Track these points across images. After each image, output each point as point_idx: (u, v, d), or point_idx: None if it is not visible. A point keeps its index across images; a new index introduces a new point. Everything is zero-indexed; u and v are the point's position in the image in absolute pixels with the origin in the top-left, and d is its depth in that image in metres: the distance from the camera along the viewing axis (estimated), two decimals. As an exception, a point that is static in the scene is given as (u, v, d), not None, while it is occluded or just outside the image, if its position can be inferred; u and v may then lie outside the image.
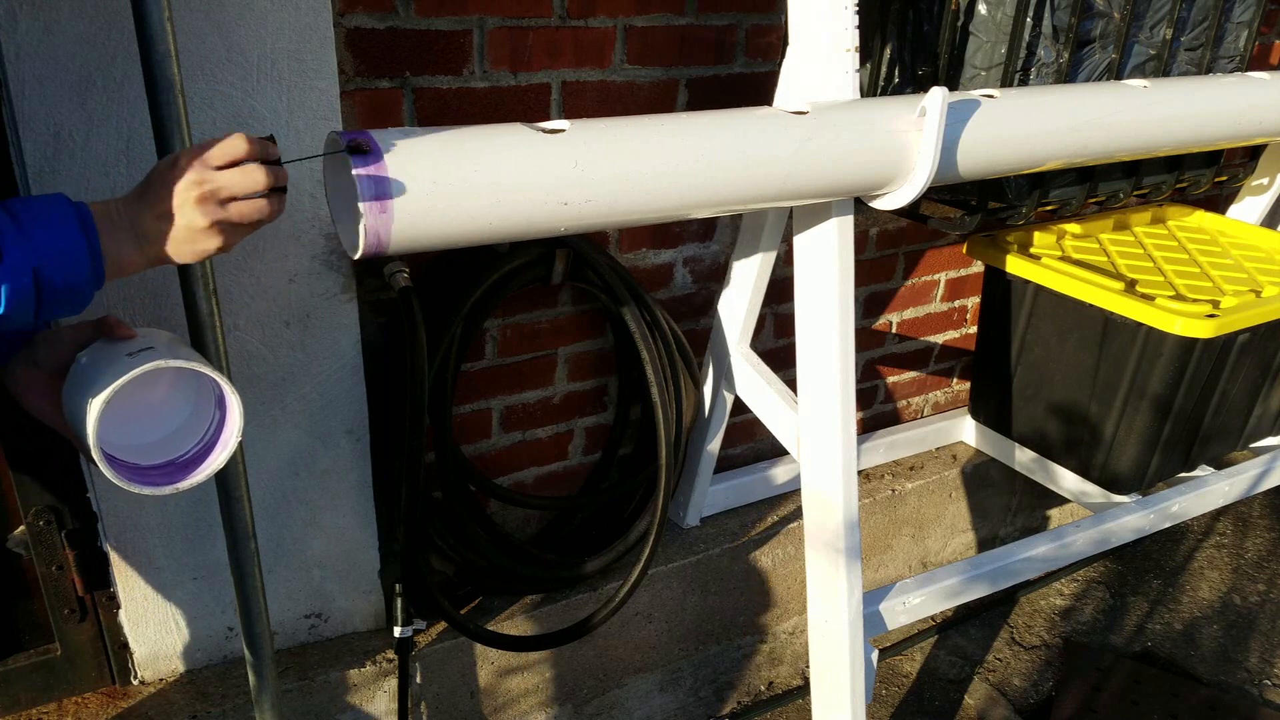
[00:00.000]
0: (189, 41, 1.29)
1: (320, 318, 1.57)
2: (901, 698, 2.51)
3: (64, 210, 0.90)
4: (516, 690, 2.13)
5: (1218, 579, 3.01)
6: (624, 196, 1.34)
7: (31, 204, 0.90)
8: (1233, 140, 2.08)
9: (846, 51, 1.58)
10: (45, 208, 0.90)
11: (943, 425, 2.74)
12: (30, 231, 0.88)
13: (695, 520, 2.34)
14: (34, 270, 0.87)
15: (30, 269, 0.87)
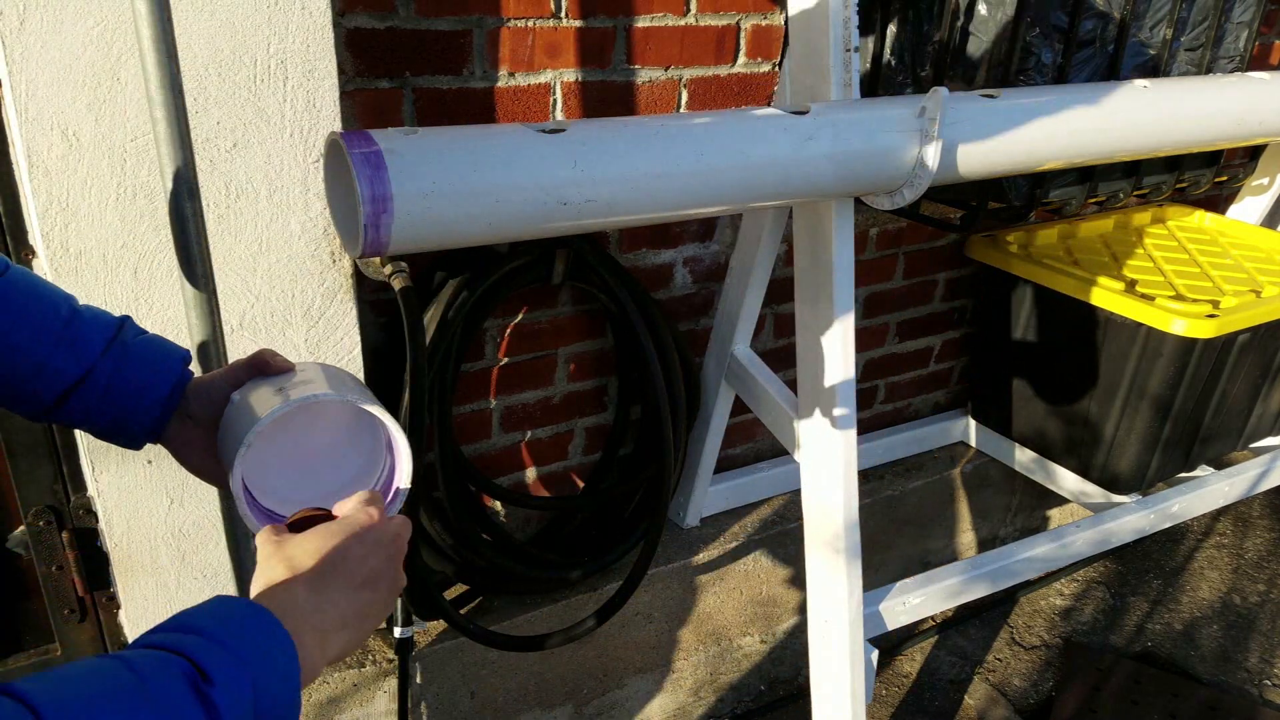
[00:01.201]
0: (193, 42, 1.29)
1: (321, 318, 1.57)
2: (901, 698, 2.51)
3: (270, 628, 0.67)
4: (516, 690, 2.13)
5: (1218, 579, 3.01)
6: (624, 196, 1.34)
7: (228, 621, 0.66)
8: (1233, 140, 2.08)
9: (846, 51, 1.58)
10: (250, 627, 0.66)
11: (943, 425, 2.74)
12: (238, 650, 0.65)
13: (695, 520, 2.34)
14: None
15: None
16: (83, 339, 0.85)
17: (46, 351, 0.83)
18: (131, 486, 1.50)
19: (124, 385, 0.87)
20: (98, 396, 0.86)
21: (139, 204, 1.34)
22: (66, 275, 1.33)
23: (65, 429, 1.51)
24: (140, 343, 0.90)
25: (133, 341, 0.89)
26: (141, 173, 1.32)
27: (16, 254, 1.38)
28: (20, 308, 0.83)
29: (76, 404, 0.86)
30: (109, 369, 0.86)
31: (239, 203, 1.40)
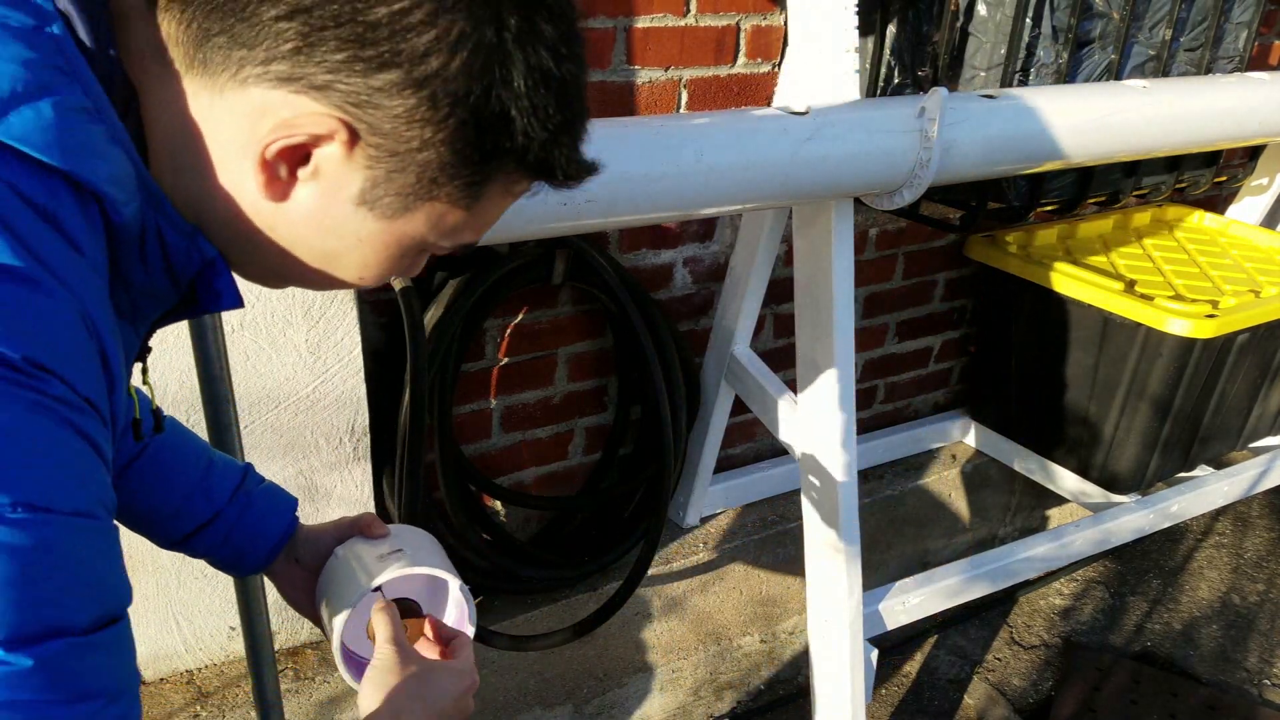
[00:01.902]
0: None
1: (321, 318, 1.57)
2: (901, 698, 2.52)
3: None
4: (516, 690, 2.13)
5: (1217, 579, 3.01)
6: (624, 196, 1.34)
7: None
8: (1232, 140, 2.08)
9: (846, 51, 1.58)
10: None
11: (943, 425, 2.74)
12: None
13: (695, 520, 2.34)
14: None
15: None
16: (215, 488, 0.97)
17: (184, 499, 0.96)
18: (132, 486, 1.50)
19: (244, 529, 0.99)
20: (221, 537, 0.98)
21: (139, 204, 1.34)
22: (67, 275, 1.33)
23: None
24: (260, 492, 1.02)
25: (254, 490, 1.02)
26: (142, 173, 1.33)
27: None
28: (169, 465, 0.96)
29: (201, 541, 0.98)
30: (233, 515, 0.98)
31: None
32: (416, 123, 0.59)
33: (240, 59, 0.57)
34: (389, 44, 0.56)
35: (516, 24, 0.58)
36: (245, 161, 0.60)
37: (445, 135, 0.60)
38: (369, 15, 0.55)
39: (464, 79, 0.58)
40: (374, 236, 0.64)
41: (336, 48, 0.56)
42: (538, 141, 0.62)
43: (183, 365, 1.45)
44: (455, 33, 0.57)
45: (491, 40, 0.58)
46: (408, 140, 0.60)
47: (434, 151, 0.61)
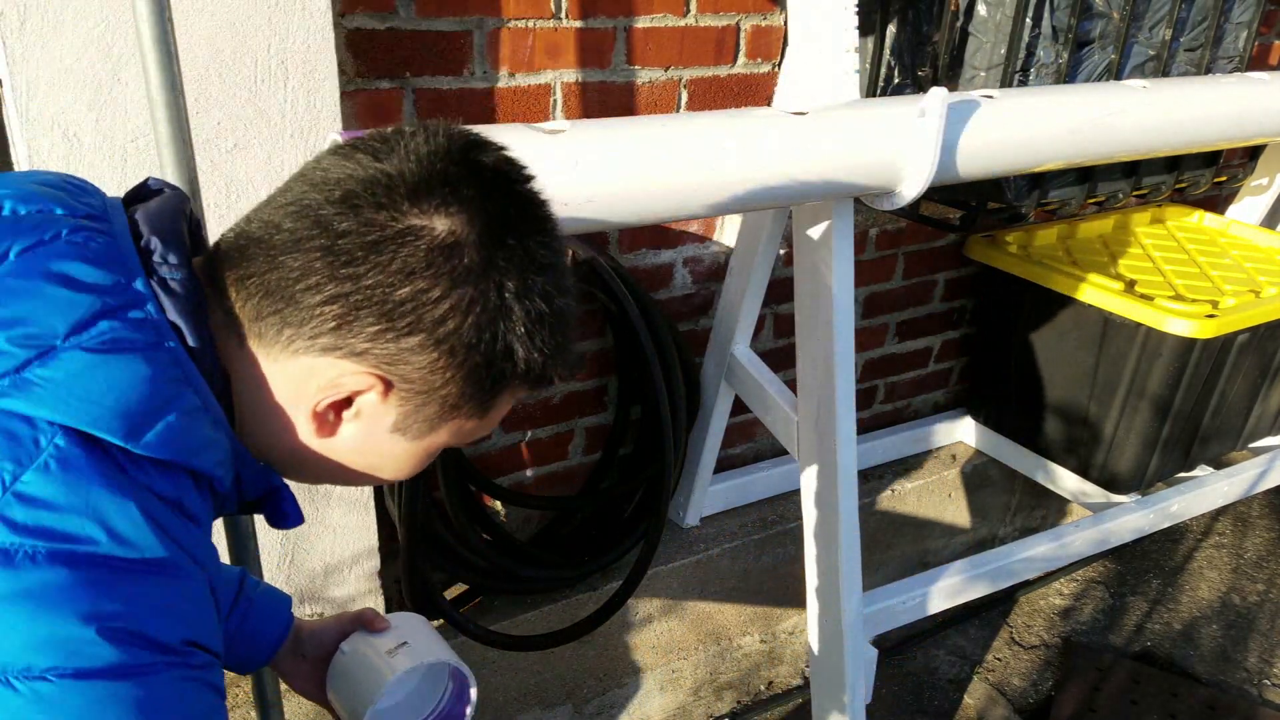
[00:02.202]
0: (194, 42, 1.29)
1: (321, 318, 1.57)
2: (901, 698, 2.52)
3: None
4: (516, 690, 2.13)
5: (1217, 579, 3.01)
6: (624, 197, 1.34)
7: None
8: (1232, 140, 2.08)
9: (846, 51, 1.58)
10: None
11: (943, 425, 2.74)
12: None
13: (695, 520, 2.35)
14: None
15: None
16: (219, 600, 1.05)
17: None
18: (132, 486, 1.50)
19: (245, 637, 1.06)
20: (226, 642, 1.02)
21: (139, 204, 1.34)
22: (67, 275, 1.33)
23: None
24: (258, 596, 1.09)
25: (253, 595, 1.08)
26: (142, 173, 1.32)
27: (17, 254, 1.39)
28: None
29: None
30: (236, 622, 1.05)
31: (239, 203, 1.40)
32: (439, 370, 0.72)
33: (290, 335, 0.70)
34: (413, 315, 0.69)
35: (514, 285, 0.71)
36: (299, 412, 0.74)
37: (463, 375, 0.73)
38: (396, 294, 0.68)
39: (475, 333, 0.71)
40: (407, 453, 0.78)
41: (371, 323, 0.69)
42: (538, 366, 0.75)
43: (183, 365, 1.45)
44: (466, 300, 0.70)
45: (495, 301, 0.71)
46: (431, 382, 0.73)
47: (454, 386, 0.74)
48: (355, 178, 0.70)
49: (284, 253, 0.69)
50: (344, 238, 0.68)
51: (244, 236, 0.72)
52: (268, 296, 0.69)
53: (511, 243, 0.71)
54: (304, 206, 0.69)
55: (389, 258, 0.68)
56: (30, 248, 0.65)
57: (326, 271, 0.68)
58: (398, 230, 0.68)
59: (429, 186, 0.69)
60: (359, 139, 0.73)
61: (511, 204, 0.73)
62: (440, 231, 0.69)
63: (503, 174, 0.74)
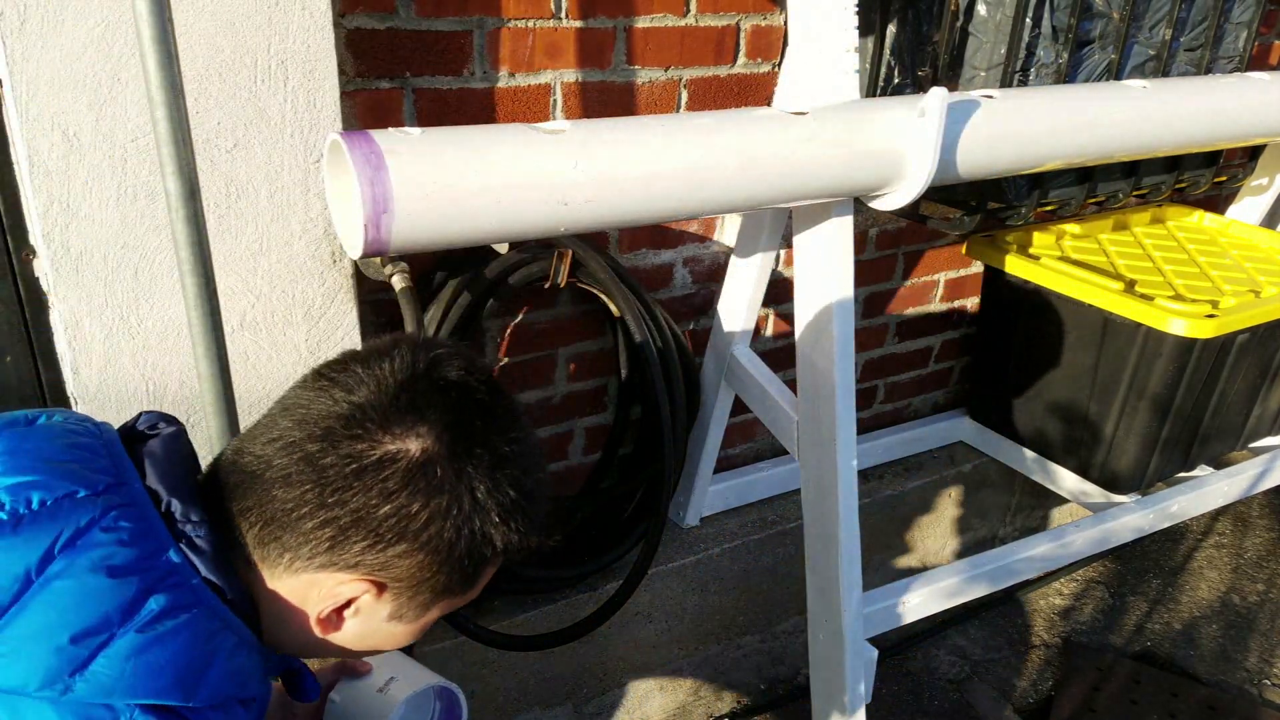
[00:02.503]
0: (194, 42, 1.29)
1: (321, 318, 1.57)
2: (901, 698, 2.52)
3: None
4: (516, 690, 2.13)
5: (1217, 579, 3.01)
6: (624, 197, 1.34)
7: None
8: (1233, 140, 2.08)
9: (846, 51, 1.58)
10: None
11: (943, 425, 2.74)
12: None
13: (695, 520, 2.34)
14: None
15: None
16: None
17: None
18: (132, 486, 1.50)
19: None
20: None
21: (139, 204, 1.34)
22: (67, 275, 1.33)
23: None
24: None
25: None
26: (142, 173, 1.32)
27: (16, 254, 1.39)
28: None
29: None
30: None
31: (239, 203, 1.40)
32: (426, 568, 0.82)
33: (290, 558, 0.81)
34: (398, 528, 0.79)
35: (485, 486, 0.81)
36: (305, 616, 0.84)
37: (448, 567, 0.82)
38: (380, 513, 0.78)
39: (454, 532, 0.81)
40: (405, 632, 0.89)
41: (360, 540, 0.79)
42: (516, 543, 0.85)
43: (183, 366, 1.45)
44: (443, 507, 0.80)
45: (469, 503, 0.80)
46: (420, 577, 0.82)
47: (441, 577, 0.83)
48: (333, 414, 0.80)
49: (277, 487, 0.79)
50: (329, 470, 0.78)
51: (240, 470, 0.82)
52: (268, 525, 0.80)
53: (479, 451, 0.81)
54: (290, 444, 0.80)
55: (370, 483, 0.78)
56: (69, 543, 0.73)
57: (317, 501, 0.78)
58: (376, 459, 0.78)
59: (399, 413, 0.79)
60: (334, 369, 0.83)
61: (475, 415, 0.82)
62: (414, 452, 0.79)
63: (465, 388, 0.83)
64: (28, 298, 1.40)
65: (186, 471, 0.84)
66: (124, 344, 1.40)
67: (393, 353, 0.83)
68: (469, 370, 0.85)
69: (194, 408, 1.48)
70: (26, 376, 1.45)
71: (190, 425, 1.48)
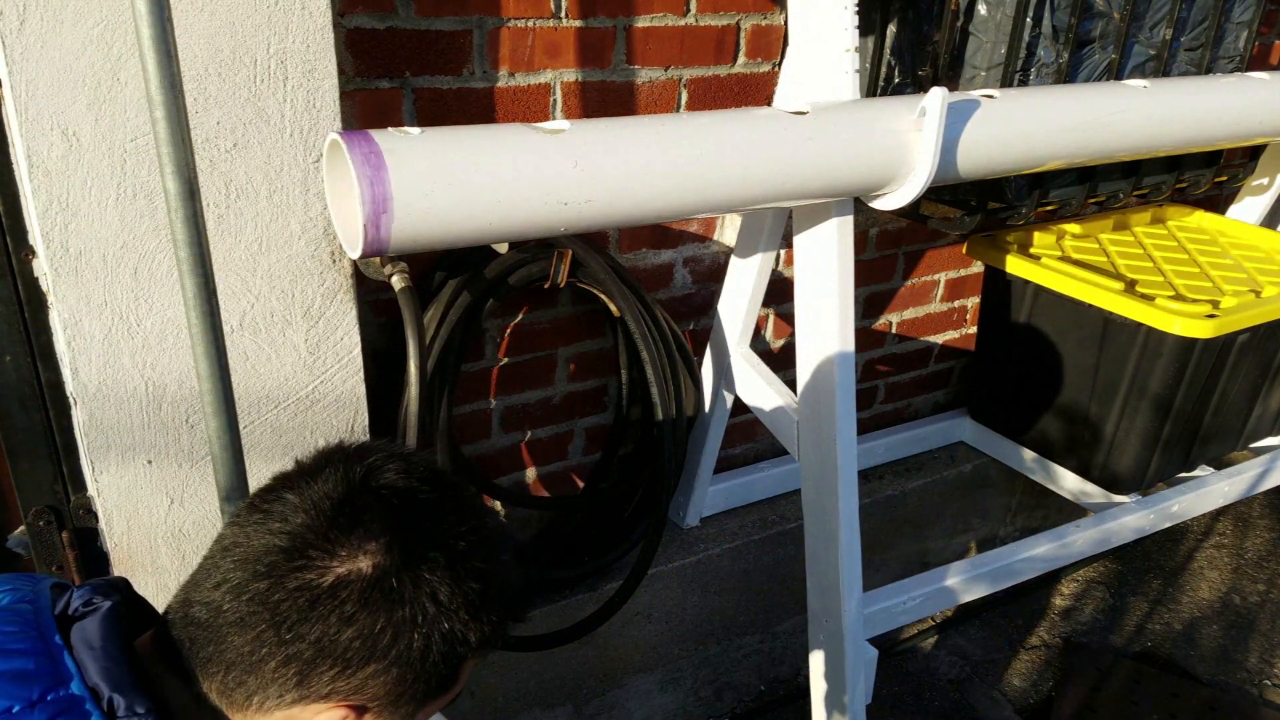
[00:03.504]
0: (193, 42, 1.29)
1: (320, 318, 1.57)
2: (901, 698, 2.52)
3: None
4: (516, 690, 2.13)
5: (1218, 579, 3.01)
6: (624, 196, 1.34)
7: None
8: (1233, 140, 2.08)
9: (846, 51, 1.58)
10: None
11: (943, 425, 2.74)
12: None
13: (695, 520, 2.34)
14: None
15: None
16: None
17: None
18: (131, 486, 1.50)
19: None
20: None
21: (139, 204, 1.34)
22: (66, 275, 1.33)
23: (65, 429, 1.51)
24: None
25: None
26: (141, 173, 1.32)
27: (16, 254, 1.38)
28: None
29: None
30: None
31: (239, 203, 1.40)
32: (402, 681, 0.80)
33: (259, 700, 0.78)
34: (363, 650, 0.77)
35: (446, 589, 0.79)
36: None
37: (425, 676, 0.81)
38: (342, 639, 0.76)
39: (423, 641, 0.79)
40: None
41: (327, 669, 0.77)
42: (490, 633, 0.85)
43: (182, 366, 1.45)
44: (407, 618, 0.77)
45: (432, 609, 0.78)
46: (399, 691, 0.80)
47: (420, 685, 0.81)
48: (274, 548, 0.77)
49: (232, 633, 0.77)
50: (282, 606, 0.76)
51: (191, 622, 0.79)
52: (229, 672, 0.78)
53: (433, 554, 0.79)
54: (236, 586, 0.77)
55: (326, 611, 0.76)
56: None
57: (275, 640, 0.76)
58: (329, 586, 0.76)
59: (342, 533, 0.77)
60: (267, 499, 0.80)
61: (422, 517, 0.80)
62: (366, 570, 0.76)
63: (406, 491, 0.81)
64: (27, 298, 1.40)
65: (126, 658, 0.79)
66: (123, 344, 1.40)
67: (324, 470, 0.81)
68: (408, 471, 0.82)
69: (193, 408, 1.48)
70: (26, 376, 1.45)
71: (190, 425, 1.49)
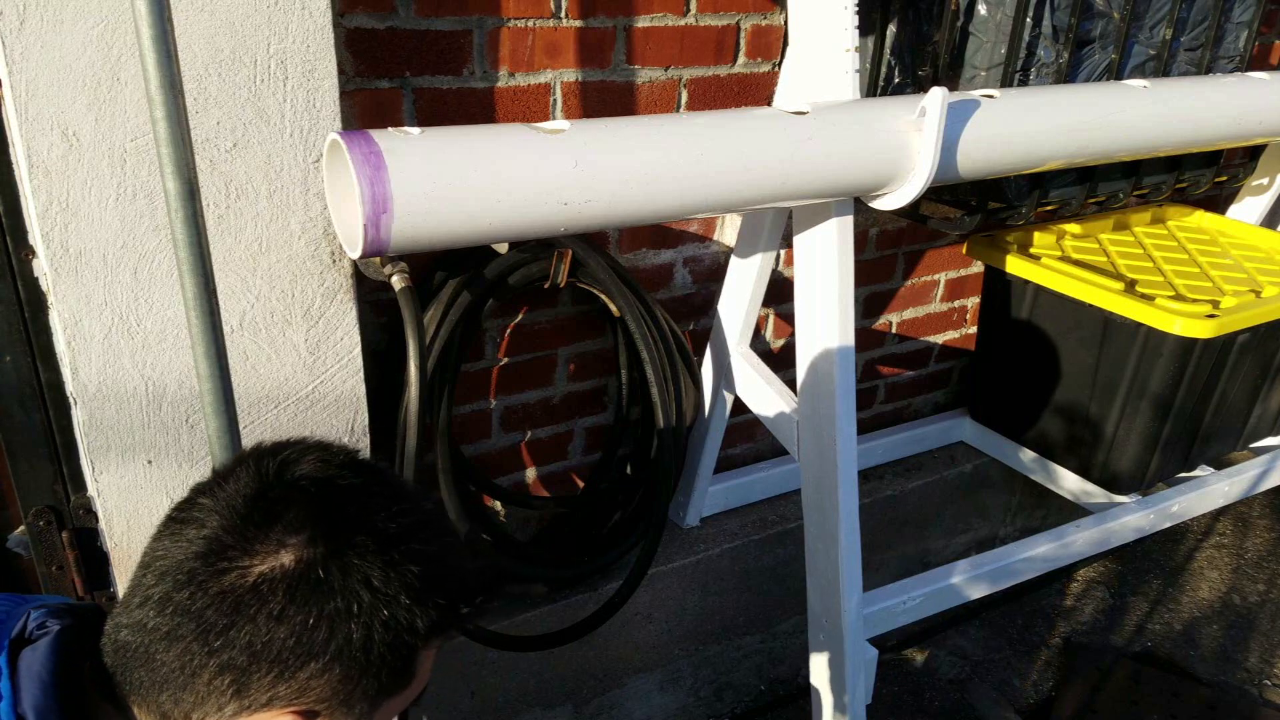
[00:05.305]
0: (193, 42, 1.29)
1: (320, 318, 1.57)
2: (901, 698, 2.51)
3: None
4: (516, 690, 2.13)
5: (1218, 579, 3.01)
6: (624, 197, 1.34)
7: None
8: (1233, 140, 2.08)
9: (846, 51, 1.58)
10: None
11: (943, 425, 2.74)
12: None
13: (695, 520, 2.34)
14: None
15: None
16: None
17: None
18: (131, 486, 1.50)
19: None
20: None
21: (139, 204, 1.34)
22: (66, 275, 1.33)
23: (65, 429, 1.51)
24: None
25: None
26: (141, 173, 1.32)
27: (16, 254, 1.38)
28: None
29: None
30: None
31: (239, 203, 1.40)
32: (349, 678, 0.75)
33: (199, 716, 0.74)
34: (298, 649, 0.73)
35: (380, 573, 0.74)
36: None
37: (373, 670, 0.76)
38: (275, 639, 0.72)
39: (363, 632, 0.74)
40: None
41: (264, 674, 0.73)
42: (440, 621, 0.79)
43: (182, 366, 1.45)
44: (340, 611, 0.73)
45: (368, 597, 0.74)
46: (348, 689, 0.76)
47: (370, 680, 0.76)
48: (191, 555, 0.74)
49: (160, 649, 0.74)
50: (207, 613, 0.72)
51: (120, 647, 0.76)
52: (164, 691, 0.74)
53: (359, 538, 0.75)
54: (161, 600, 0.74)
55: (253, 612, 0.72)
56: None
57: (203, 650, 0.72)
58: (251, 585, 0.72)
59: (258, 529, 0.74)
60: (182, 509, 0.78)
61: (344, 502, 0.76)
62: (289, 564, 0.73)
63: (322, 480, 0.77)
64: (27, 298, 1.40)
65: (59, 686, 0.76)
66: (123, 344, 1.40)
67: (236, 471, 0.78)
68: (325, 460, 0.79)
69: (193, 408, 1.48)
70: (26, 376, 1.45)
71: (190, 425, 1.49)
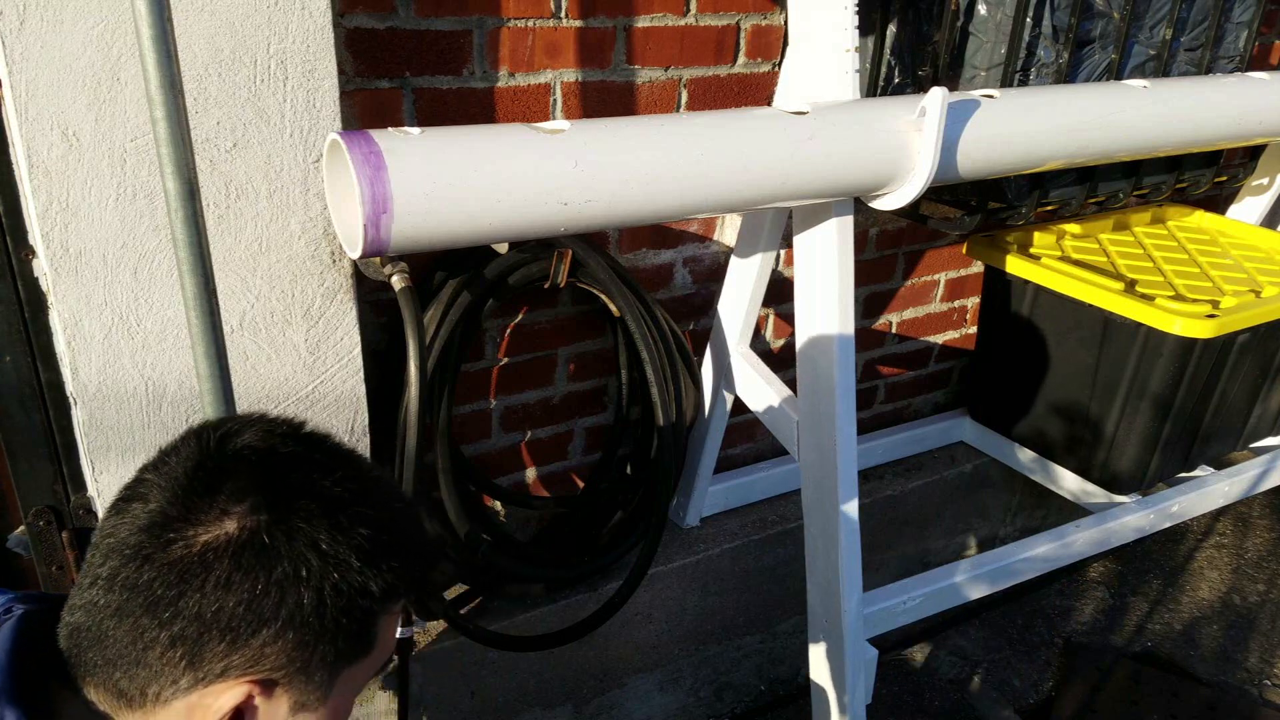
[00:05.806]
0: (193, 42, 1.29)
1: (320, 318, 1.57)
2: (901, 698, 2.51)
3: None
4: (516, 690, 2.13)
5: (1218, 579, 3.01)
6: (624, 197, 1.34)
7: None
8: (1233, 140, 2.08)
9: (846, 51, 1.58)
10: None
11: (943, 425, 2.74)
12: None
13: (695, 520, 2.34)
14: None
15: None
16: None
17: None
18: (131, 486, 1.50)
19: None
20: None
21: (139, 204, 1.34)
22: (66, 275, 1.33)
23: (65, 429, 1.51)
24: None
25: None
26: (141, 173, 1.32)
27: (16, 254, 1.38)
28: None
29: None
30: None
31: (239, 203, 1.40)
32: (304, 645, 0.75)
33: (155, 691, 0.74)
34: (248, 616, 0.72)
35: (327, 536, 0.74)
36: None
37: (329, 636, 0.75)
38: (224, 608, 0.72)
39: (314, 596, 0.74)
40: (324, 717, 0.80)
41: (216, 643, 0.72)
42: (395, 585, 0.79)
43: (182, 366, 1.45)
44: (289, 574, 0.73)
45: (316, 562, 0.74)
46: (304, 657, 0.75)
47: (327, 647, 0.76)
48: (137, 529, 0.74)
49: (111, 626, 0.73)
50: (155, 585, 0.72)
51: (74, 630, 0.76)
52: (117, 668, 0.74)
53: (303, 503, 0.75)
54: (109, 577, 0.74)
55: (201, 581, 0.72)
56: None
57: (153, 622, 0.72)
58: (197, 554, 0.72)
59: (200, 499, 0.74)
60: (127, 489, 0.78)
61: (286, 469, 0.77)
62: (233, 530, 0.73)
63: (264, 449, 0.78)
64: (27, 298, 1.40)
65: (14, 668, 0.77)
66: (123, 344, 1.40)
67: (179, 446, 0.79)
68: (268, 431, 0.79)
69: (193, 408, 1.48)
70: (26, 376, 1.45)
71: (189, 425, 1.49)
